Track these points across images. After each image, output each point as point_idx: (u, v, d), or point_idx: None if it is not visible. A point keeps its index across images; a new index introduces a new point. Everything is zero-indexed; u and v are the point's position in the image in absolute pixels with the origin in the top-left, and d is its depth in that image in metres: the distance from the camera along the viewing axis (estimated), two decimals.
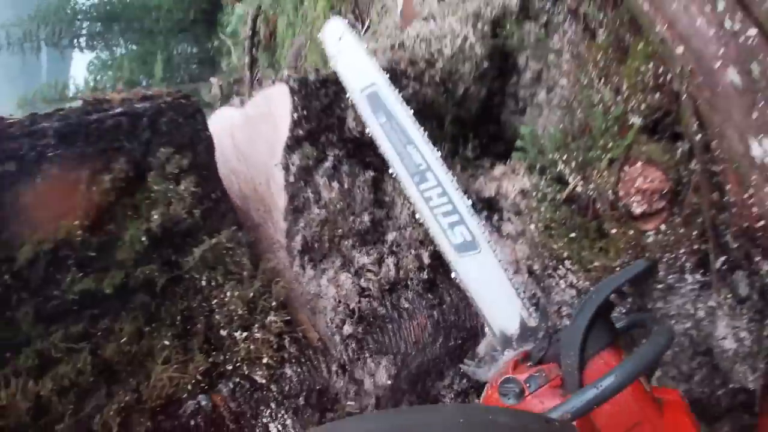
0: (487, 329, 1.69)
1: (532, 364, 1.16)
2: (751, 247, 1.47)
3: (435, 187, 1.70)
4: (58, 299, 1.50)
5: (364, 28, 3.83)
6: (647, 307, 1.69)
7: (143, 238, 1.57)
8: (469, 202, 1.69)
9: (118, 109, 1.63)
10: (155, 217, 1.59)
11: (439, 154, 1.73)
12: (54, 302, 1.49)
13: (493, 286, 1.64)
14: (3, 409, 1.37)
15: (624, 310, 1.71)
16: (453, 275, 1.73)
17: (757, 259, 1.46)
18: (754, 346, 1.54)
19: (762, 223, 1.40)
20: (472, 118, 2.26)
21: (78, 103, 1.66)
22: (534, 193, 1.94)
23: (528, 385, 1.03)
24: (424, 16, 2.36)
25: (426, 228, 1.77)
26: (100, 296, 1.54)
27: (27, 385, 1.41)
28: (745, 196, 1.41)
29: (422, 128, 1.76)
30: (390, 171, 1.82)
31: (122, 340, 1.52)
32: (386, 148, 1.81)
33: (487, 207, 2.03)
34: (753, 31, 1.26)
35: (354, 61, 1.90)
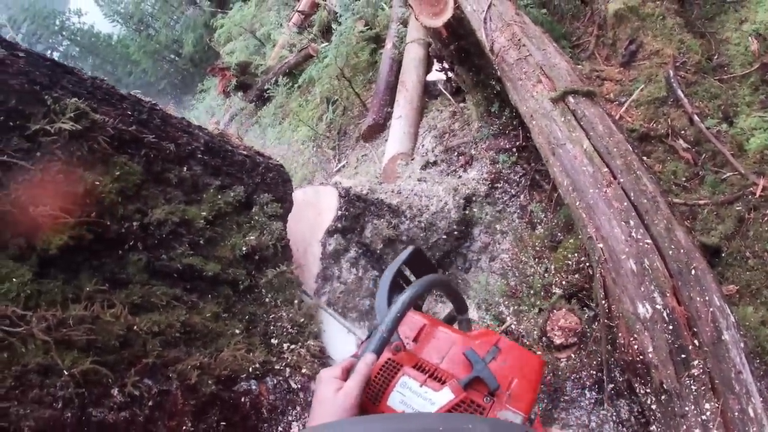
0: None
1: None
2: (632, 377, 2.28)
3: None
4: (166, 262, 1.79)
5: (340, 164, 4.56)
6: None
7: (244, 248, 1.97)
8: None
9: (243, 152, 2.17)
10: (251, 238, 2.02)
11: None
12: (162, 262, 1.78)
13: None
14: (100, 323, 1.52)
15: None
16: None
17: (636, 385, 2.26)
18: None
19: (641, 357, 2.23)
20: (434, 262, 3.01)
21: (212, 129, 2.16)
22: (479, 322, 2.66)
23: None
24: (404, 179, 3.23)
25: None
26: (197, 276, 1.85)
27: (126, 315, 1.61)
28: (631, 340, 2.27)
29: None
30: None
31: (207, 315, 1.80)
32: None
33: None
34: (648, 241, 2.28)
35: None
